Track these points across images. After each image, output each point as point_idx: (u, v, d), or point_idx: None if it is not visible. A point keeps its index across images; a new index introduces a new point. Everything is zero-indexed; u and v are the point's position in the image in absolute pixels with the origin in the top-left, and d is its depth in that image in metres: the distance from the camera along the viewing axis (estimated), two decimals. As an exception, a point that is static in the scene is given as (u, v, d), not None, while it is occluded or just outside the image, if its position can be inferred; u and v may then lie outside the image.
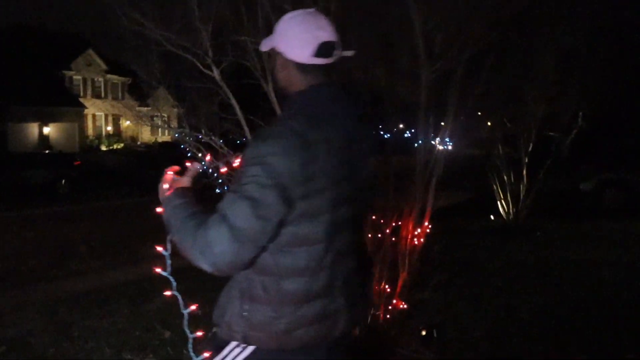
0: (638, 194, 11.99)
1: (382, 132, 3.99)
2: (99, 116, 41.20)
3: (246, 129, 3.59)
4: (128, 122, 41.76)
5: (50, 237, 10.62)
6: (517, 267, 7.03)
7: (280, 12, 3.51)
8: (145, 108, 44.46)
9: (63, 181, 19.08)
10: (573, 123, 10.17)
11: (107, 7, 3.76)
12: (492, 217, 10.50)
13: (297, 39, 1.63)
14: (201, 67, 3.41)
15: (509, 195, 9.99)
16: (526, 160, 9.83)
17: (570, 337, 4.55)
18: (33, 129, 34.64)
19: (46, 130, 35.09)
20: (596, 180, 12.68)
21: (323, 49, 1.62)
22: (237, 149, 4.03)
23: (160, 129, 43.34)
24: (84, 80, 39.94)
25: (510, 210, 10.06)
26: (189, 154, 4.32)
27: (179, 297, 1.84)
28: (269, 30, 3.63)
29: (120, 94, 42.82)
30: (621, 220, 10.52)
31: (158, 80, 3.78)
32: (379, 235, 3.69)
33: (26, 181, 18.70)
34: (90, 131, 38.89)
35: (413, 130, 4.34)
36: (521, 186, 9.91)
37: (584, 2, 6.56)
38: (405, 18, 3.43)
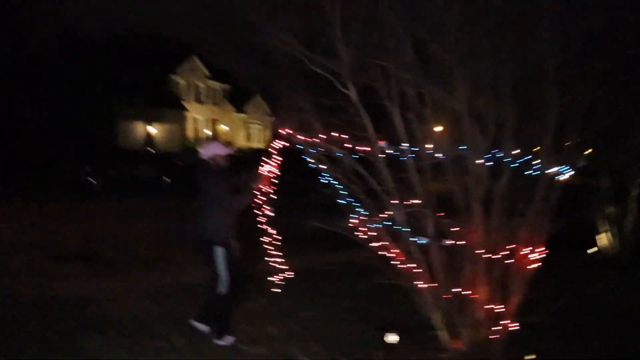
0: None
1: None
2: (199, 119, 43.44)
3: (376, 146, 3.83)
4: (226, 127, 43.61)
5: (155, 228, 11.45)
6: (627, 307, 6.59)
7: (415, 39, 3.75)
8: (242, 114, 46.26)
9: (165, 178, 20.62)
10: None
11: (248, 24, 4.17)
12: (588, 251, 10.05)
13: None
14: (339, 85, 3.69)
15: (614, 228, 9.55)
16: (638, 192, 9.36)
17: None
18: (140, 128, 37.18)
19: (151, 129, 37.54)
20: None
21: None
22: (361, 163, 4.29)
23: (253, 137, 45.19)
24: (188, 85, 42.37)
25: (615, 245, 9.59)
26: (312, 165, 4.64)
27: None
28: (401, 55, 3.88)
29: (219, 100, 44.97)
30: None
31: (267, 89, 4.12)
32: (496, 257, 3.78)
33: (134, 176, 20.54)
34: (190, 133, 41.07)
35: (527, 158, 4.40)
36: (626, 220, 9.45)
37: None
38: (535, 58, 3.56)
